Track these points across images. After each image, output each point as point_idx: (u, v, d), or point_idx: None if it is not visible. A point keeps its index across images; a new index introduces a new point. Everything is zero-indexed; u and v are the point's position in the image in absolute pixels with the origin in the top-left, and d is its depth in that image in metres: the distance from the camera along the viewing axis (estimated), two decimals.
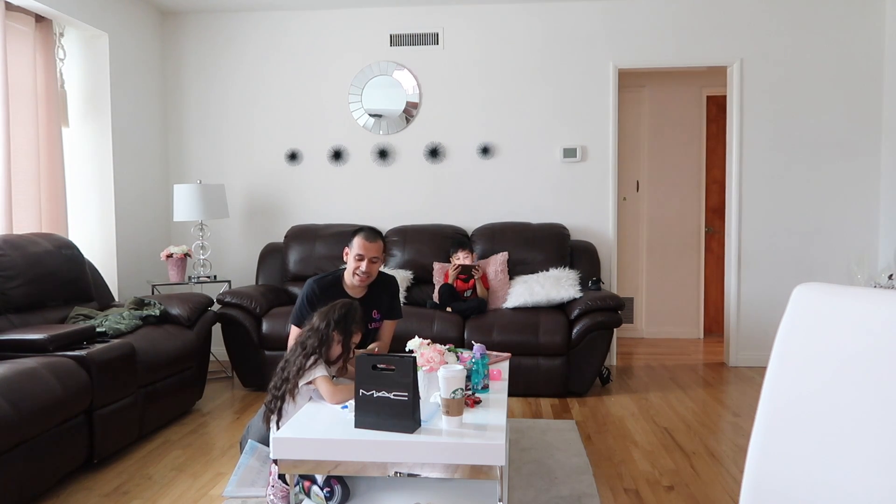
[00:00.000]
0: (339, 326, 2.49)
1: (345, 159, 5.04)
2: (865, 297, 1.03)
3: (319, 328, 2.48)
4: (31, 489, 2.52)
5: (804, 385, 1.04)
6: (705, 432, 3.42)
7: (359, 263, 3.02)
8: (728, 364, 4.89)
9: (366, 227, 3.12)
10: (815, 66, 4.71)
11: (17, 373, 2.54)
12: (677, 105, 5.87)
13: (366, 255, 3.01)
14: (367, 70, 4.98)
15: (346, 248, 3.10)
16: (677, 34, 4.79)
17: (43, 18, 4.01)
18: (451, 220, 4.94)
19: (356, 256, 3.02)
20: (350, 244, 3.06)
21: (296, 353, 2.47)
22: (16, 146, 3.78)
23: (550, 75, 4.90)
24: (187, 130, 5.14)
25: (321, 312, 2.53)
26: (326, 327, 2.47)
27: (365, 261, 3.01)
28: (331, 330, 2.47)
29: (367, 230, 3.08)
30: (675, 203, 5.90)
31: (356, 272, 3.01)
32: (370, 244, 3.03)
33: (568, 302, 4.24)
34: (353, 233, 3.09)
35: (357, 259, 3.02)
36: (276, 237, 5.01)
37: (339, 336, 2.50)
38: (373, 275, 3.07)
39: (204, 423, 3.63)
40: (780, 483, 1.04)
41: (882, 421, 0.97)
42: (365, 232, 3.06)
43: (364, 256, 3.01)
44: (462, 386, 2.05)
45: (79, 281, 3.65)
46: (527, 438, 3.29)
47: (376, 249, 3.05)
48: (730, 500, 2.62)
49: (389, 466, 1.98)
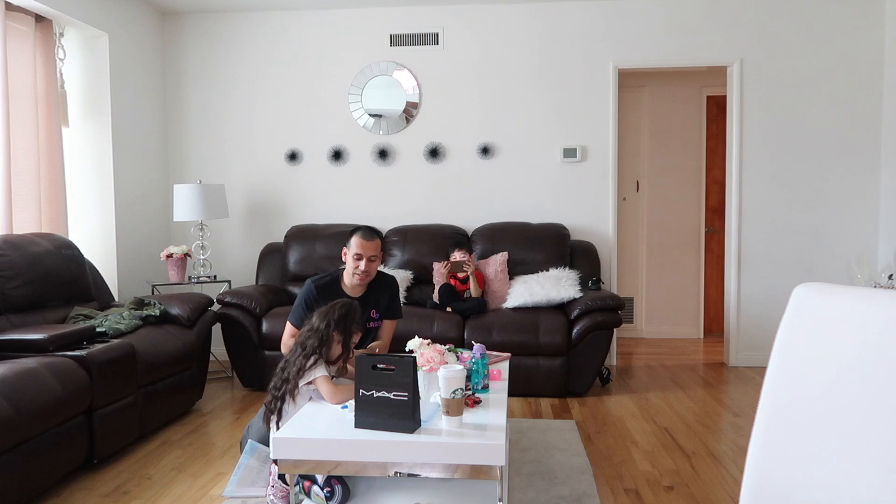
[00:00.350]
0: (339, 326, 2.48)
1: (345, 159, 5.04)
2: (865, 297, 1.03)
3: (319, 328, 2.47)
4: (31, 489, 2.52)
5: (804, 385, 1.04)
6: (705, 432, 3.42)
7: (357, 263, 3.02)
8: (728, 364, 4.89)
9: (363, 227, 3.12)
10: (815, 66, 4.71)
11: (17, 373, 2.54)
12: (677, 105, 5.87)
13: (364, 255, 3.02)
14: (367, 70, 4.98)
15: (344, 248, 3.10)
16: (677, 34, 4.79)
17: (43, 18, 4.01)
18: (451, 220, 4.94)
19: (354, 256, 3.02)
20: (348, 244, 3.07)
21: (296, 353, 2.47)
22: (16, 146, 3.78)
23: (550, 75, 4.90)
24: (187, 130, 5.14)
25: (321, 312, 2.52)
26: (326, 327, 2.46)
27: (363, 260, 3.02)
28: (331, 330, 2.46)
29: (364, 229, 3.09)
30: (675, 203, 5.90)
31: (355, 272, 3.02)
32: (368, 243, 3.03)
33: (568, 302, 4.24)
34: (350, 232, 3.10)
35: (356, 258, 3.02)
36: (276, 237, 5.01)
37: (340, 336, 2.49)
38: (371, 274, 3.07)
39: (204, 423, 3.63)
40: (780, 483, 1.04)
41: (882, 421, 0.97)
42: (362, 231, 3.07)
43: (362, 255, 3.02)
44: (462, 386, 2.05)
45: (79, 281, 3.65)
46: (527, 438, 3.29)
47: (374, 248, 3.05)
48: (730, 500, 2.62)
49: (389, 466, 1.98)
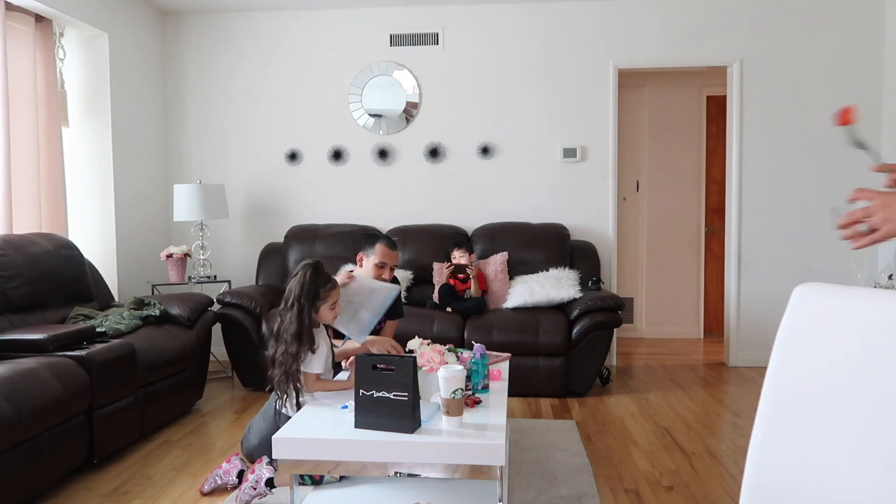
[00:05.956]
0: (313, 304, 2.47)
1: (345, 159, 5.04)
2: (865, 297, 1.03)
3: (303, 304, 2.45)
4: (31, 489, 2.52)
5: (804, 385, 1.04)
6: (705, 432, 3.42)
7: (381, 271, 3.11)
8: (728, 364, 4.89)
9: (384, 236, 3.24)
10: (815, 66, 4.71)
11: (17, 373, 2.54)
12: (677, 105, 5.87)
13: (389, 263, 3.12)
14: (367, 70, 4.98)
15: (362, 253, 3.15)
16: (677, 34, 4.79)
17: (43, 18, 4.00)
18: (451, 220, 4.94)
19: (379, 264, 3.10)
20: (368, 251, 3.12)
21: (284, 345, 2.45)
22: (16, 146, 3.78)
23: (550, 75, 4.90)
24: (187, 130, 5.13)
25: (293, 290, 2.48)
26: (313, 297, 2.45)
27: (387, 269, 3.12)
28: (315, 298, 2.46)
29: (387, 238, 3.19)
30: (675, 203, 5.90)
31: (379, 280, 3.07)
32: (393, 252, 3.14)
33: (568, 302, 4.24)
34: (369, 239, 3.15)
35: (379, 267, 3.11)
36: (276, 237, 5.01)
37: (326, 294, 2.49)
38: None
39: (204, 423, 3.63)
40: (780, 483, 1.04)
41: (882, 421, 0.97)
42: (387, 240, 3.16)
43: (387, 264, 3.12)
44: (462, 386, 2.06)
45: (79, 281, 3.65)
46: (527, 438, 3.29)
47: (397, 258, 3.19)
48: (730, 500, 2.62)
49: (389, 466, 1.98)
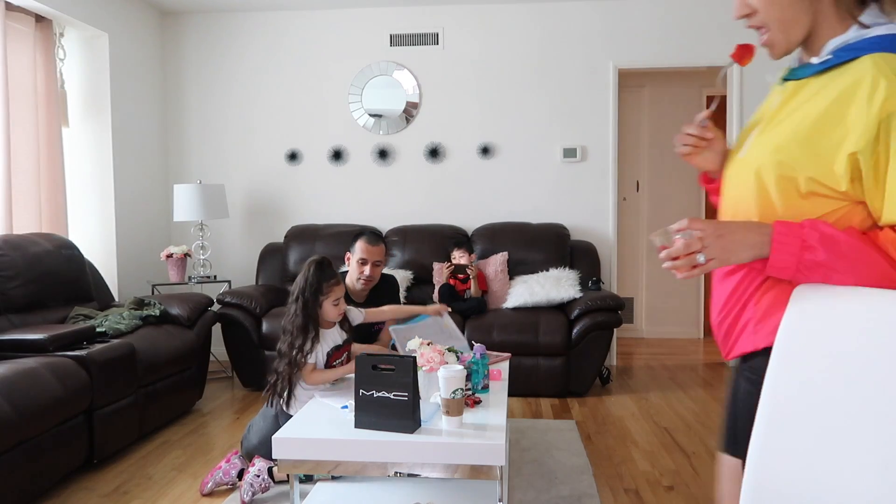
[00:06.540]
0: (324, 281, 2.47)
1: (345, 159, 5.04)
2: (865, 297, 1.03)
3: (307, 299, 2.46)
4: (31, 489, 2.52)
5: (804, 385, 1.04)
6: (705, 432, 3.42)
7: (362, 268, 3.03)
8: (728, 364, 4.89)
9: (367, 231, 3.14)
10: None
11: (17, 373, 2.54)
12: (677, 105, 5.87)
13: (369, 259, 3.03)
14: (367, 70, 4.98)
15: (348, 252, 3.11)
16: (677, 34, 4.79)
17: (43, 18, 4.00)
18: (451, 220, 4.93)
19: (359, 260, 3.03)
20: (352, 248, 3.07)
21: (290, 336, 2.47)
22: (16, 146, 3.78)
23: (550, 75, 4.90)
24: (187, 130, 5.13)
25: (298, 287, 2.48)
26: (315, 293, 2.45)
27: (368, 265, 3.03)
28: (318, 294, 2.46)
29: (368, 234, 3.10)
30: (675, 203, 5.89)
31: (360, 276, 3.03)
32: (373, 248, 3.04)
33: (568, 302, 4.24)
34: (354, 237, 3.10)
35: (360, 263, 3.03)
36: (276, 237, 5.01)
37: (329, 289, 2.48)
38: (375, 278, 3.09)
39: (204, 423, 3.63)
40: (781, 483, 1.04)
41: (882, 420, 0.97)
42: (367, 236, 3.07)
43: (367, 260, 3.03)
44: (462, 386, 2.05)
45: (79, 281, 3.65)
46: (527, 438, 3.29)
47: (379, 253, 3.07)
48: None
49: (389, 466, 1.98)
